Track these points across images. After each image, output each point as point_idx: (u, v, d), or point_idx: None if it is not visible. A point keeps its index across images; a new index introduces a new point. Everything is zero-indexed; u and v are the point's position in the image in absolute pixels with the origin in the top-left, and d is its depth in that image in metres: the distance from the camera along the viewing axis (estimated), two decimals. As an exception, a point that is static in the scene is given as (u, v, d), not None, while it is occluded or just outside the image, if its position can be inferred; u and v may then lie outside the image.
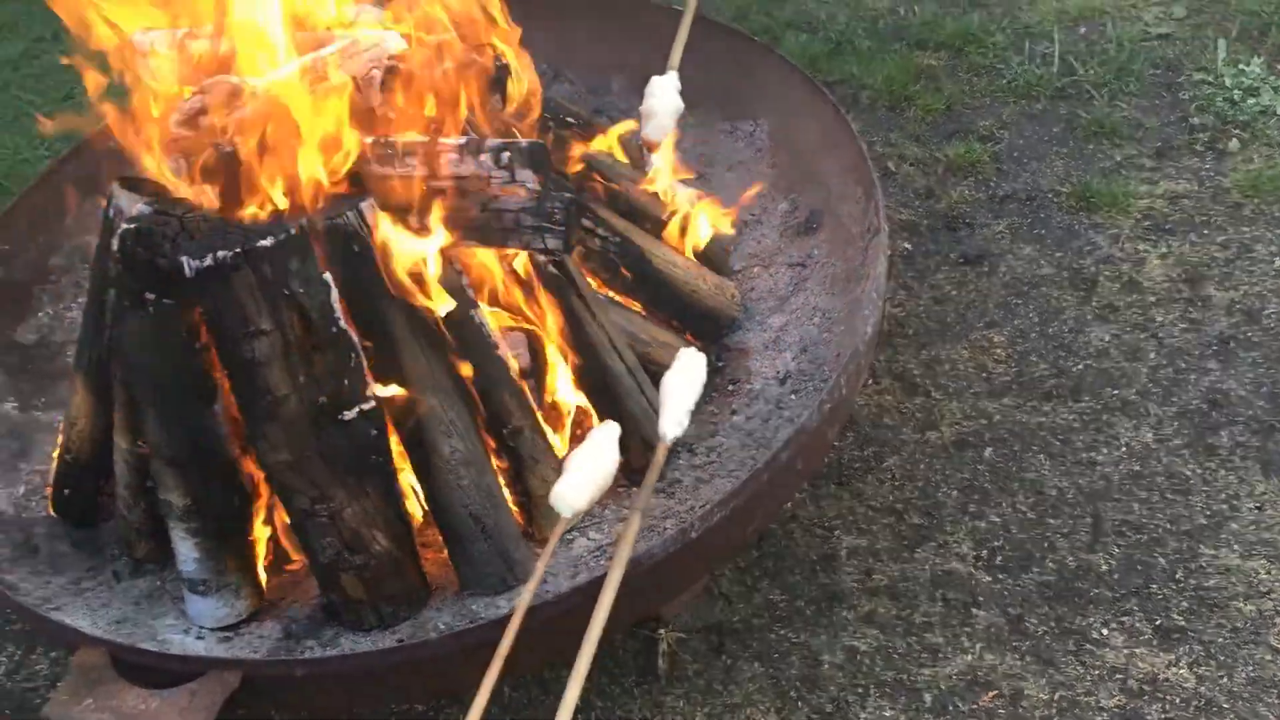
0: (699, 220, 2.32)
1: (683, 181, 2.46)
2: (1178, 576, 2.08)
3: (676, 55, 2.43)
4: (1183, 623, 2.01)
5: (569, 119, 2.36)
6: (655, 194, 2.33)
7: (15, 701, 2.19)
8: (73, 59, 2.02)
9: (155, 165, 1.88)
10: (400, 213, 1.78)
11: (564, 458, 1.91)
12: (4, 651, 2.23)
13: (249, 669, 1.64)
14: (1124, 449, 2.30)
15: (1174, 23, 3.26)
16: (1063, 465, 2.29)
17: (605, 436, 1.74)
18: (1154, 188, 2.80)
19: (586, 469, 1.69)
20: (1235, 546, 2.11)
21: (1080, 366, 2.45)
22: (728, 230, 2.40)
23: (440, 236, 1.77)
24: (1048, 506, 2.23)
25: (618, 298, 2.18)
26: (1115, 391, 2.40)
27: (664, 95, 2.32)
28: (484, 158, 1.76)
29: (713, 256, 2.39)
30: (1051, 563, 2.14)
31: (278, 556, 2.03)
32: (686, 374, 1.81)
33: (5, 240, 2.42)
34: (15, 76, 4.07)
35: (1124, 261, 2.64)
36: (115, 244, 1.71)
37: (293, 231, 1.67)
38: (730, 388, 2.21)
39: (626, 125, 2.38)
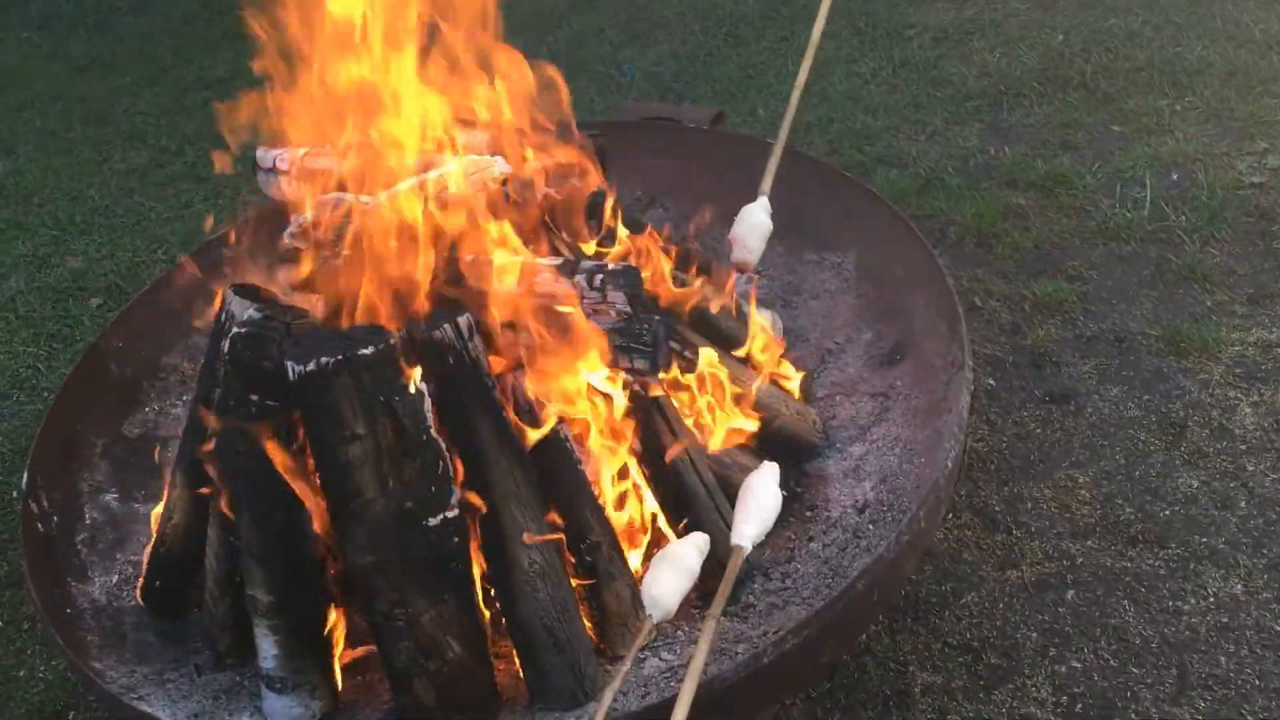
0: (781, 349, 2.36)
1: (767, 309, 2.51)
2: (1267, 735, 2.01)
3: (768, 181, 2.50)
4: (1272, 785, 1.94)
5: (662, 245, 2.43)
6: (740, 318, 2.38)
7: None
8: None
9: (268, 274, 1.99)
10: (496, 328, 1.85)
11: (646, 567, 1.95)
12: (85, 738, 2.28)
13: (320, 770, 1.66)
14: (1212, 599, 2.24)
15: (1268, 172, 3.27)
16: (1147, 613, 2.24)
17: (691, 542, 1.78)
18: (1245, 334, 2.77)
19: (674, 569, 1.73)
20: (1328, 707, 2.03)
21: (1167, 512, 2.41)
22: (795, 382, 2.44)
23: (532, 350, 1.83)
24: (1131, 654, 2.17)
25: (704, 420, 2.22)
26: (1203, 540, 2.35)
27: (753, 219, 2.39)
28: (578, 279, 1.83)
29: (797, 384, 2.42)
30: (1134, 714, 2.08)
31: (354, 663, 2.06)
32: (764, 487, 1.85)
33: (121, 338, 2.55)
34: (140, 185, 4.32)
35: (1214, 408, 2.61)
36: (225, 346, 1.80)
37: (392, 341, 1.74)
38: (808, 514, 2.21)
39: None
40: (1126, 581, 2.30)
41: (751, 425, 2.20)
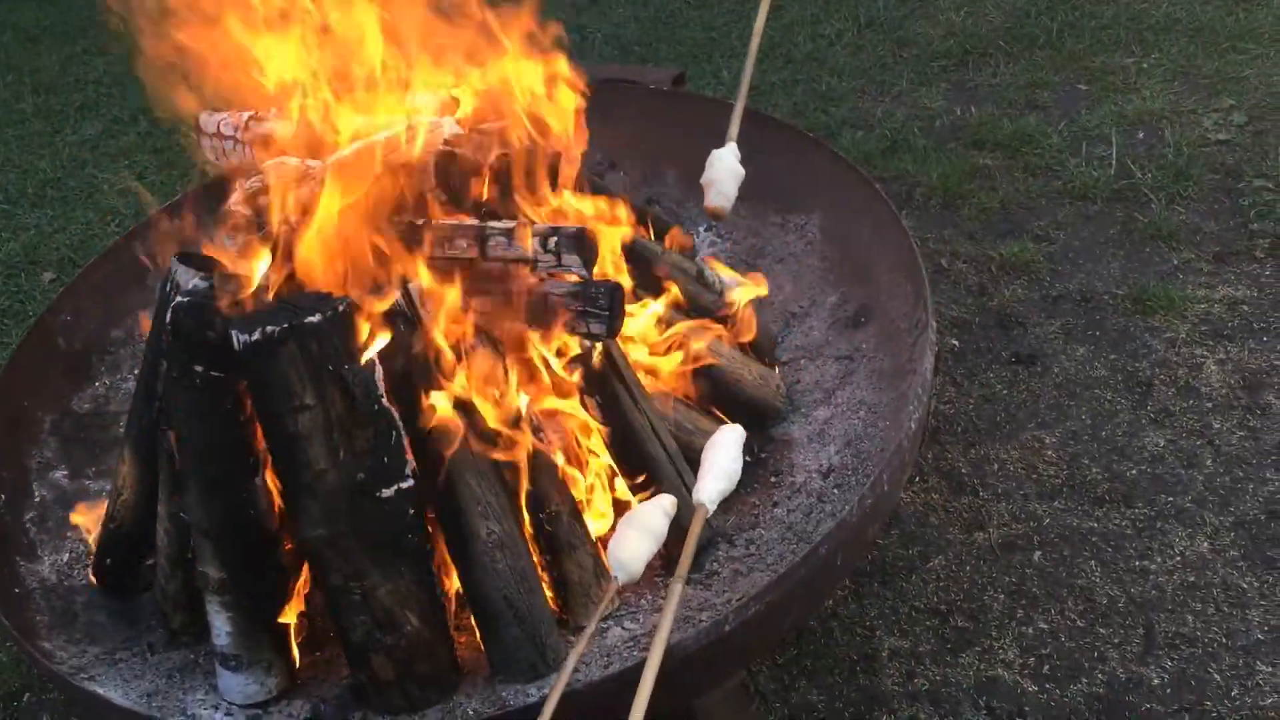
0: (746, 310, 2.32)
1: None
2: (1233, 693, 2.00)
3: (735, 127, 2.44)
4: (1238, 743, 1.93)
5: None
6: (704, 281, 2.34)
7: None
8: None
9: (214, 242, 1.92)
10: (448, 295, 1.80)
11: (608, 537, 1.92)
12: None
13: (273, 748, 1.62)
14: (1179, 558, 2.23)
15: (1234, 129, 3.25)
16: (1114, 573, 2.23)
17: (657, 504, 1.76)
18: (1212, 292, 2.76)
19: (639, 532, 1.71)
20: (1295, 664, 2.03)
21: (1134, 472, 2.40)
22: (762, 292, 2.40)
23: (486, 315, 1.78)
24: (1098, 615, 2.16)
25: (660, 385, 2.18)
26: (1170, 499, 2.34)
27: (725, 164, 2.33)
28: (532, 242, 1.78)
29: (758, 347, 2.38)
30: (1101, 674, 2.07)
31: (310, 638, 2.02)
32: (727, 446, 1.83)
33: (68, 310, 2.48)
34: (93, 156, 4.22)
35: (1180, 366, 2.60)
36: (169, 316, 1.74)
37: (340, 309, 1.69)
38: (773, 479, 2.18)
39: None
40: (1093, 542, 2.29)
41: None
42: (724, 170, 2.34)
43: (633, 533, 1.78)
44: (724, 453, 1.91)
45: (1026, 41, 3.84)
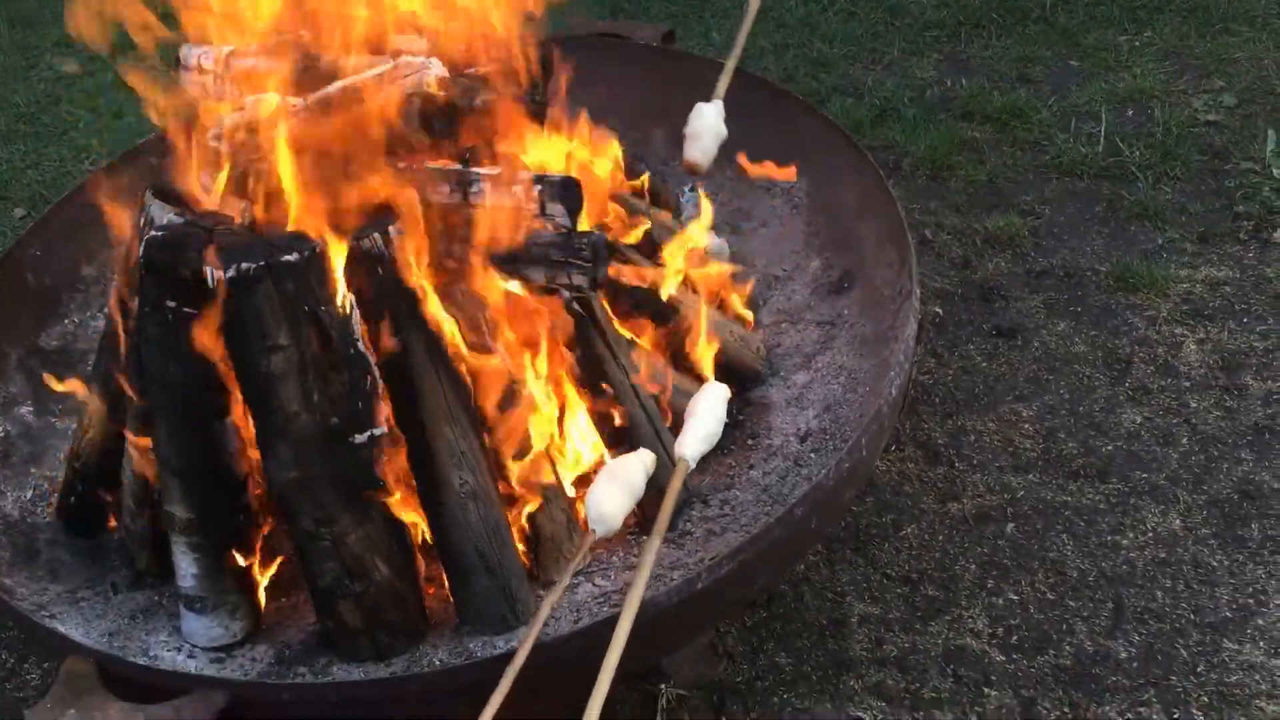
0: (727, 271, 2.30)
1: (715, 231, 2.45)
2: (1199, 670, 2.01)
3: (723, 85, 2.41)
4: (1201, 718, 1.94)
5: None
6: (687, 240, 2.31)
7: (6, 710, 2.16)
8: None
9: (191, 179, 1.88)
10: (429, 239, 1.77)
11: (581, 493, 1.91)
12: (-3, 658, 2.21)
13: (236, 690, 1.60)
14: (1150, 534, 2.23)
15: (1224, 111, 3.24)
16: (1086, 547, 2.23)
17: (637, 458, 1.76)
18: (1194, 272, 2.75)
19: (618, 484, 1.70)
20: (1261, 643, 2.03)
21: (1110, 447, 2.40)
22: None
23: (467, 266, 1.76)
24: (1068, 588, 2.16)
25: (640, 343, 2.16)
26: (1144, 475, 2.34)
27: (708, 119, 2.30)
28: (516, 189, 1.75)
29: (740, 309, 2.36)
30: (1069, 646, 2.07)
31: (277, 584, 2.00)
32: (711, 404, 1.82)
33: (38, 246, 2.43)
34: (69, 92, 4.14)
35: (1160, 344, 2.60)
36: (141, 250, 1.71)
37: (318, 249, 1.66)
38: (750, 442, 2.17)
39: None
40: (1066, 515, 2.29)
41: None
42: (707, 125, 2.31)
43: (612, 486, 1.76)
44: (709, 409, 1.90)
45: (1019, 15, 3.81)
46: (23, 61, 4.37)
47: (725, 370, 2.22)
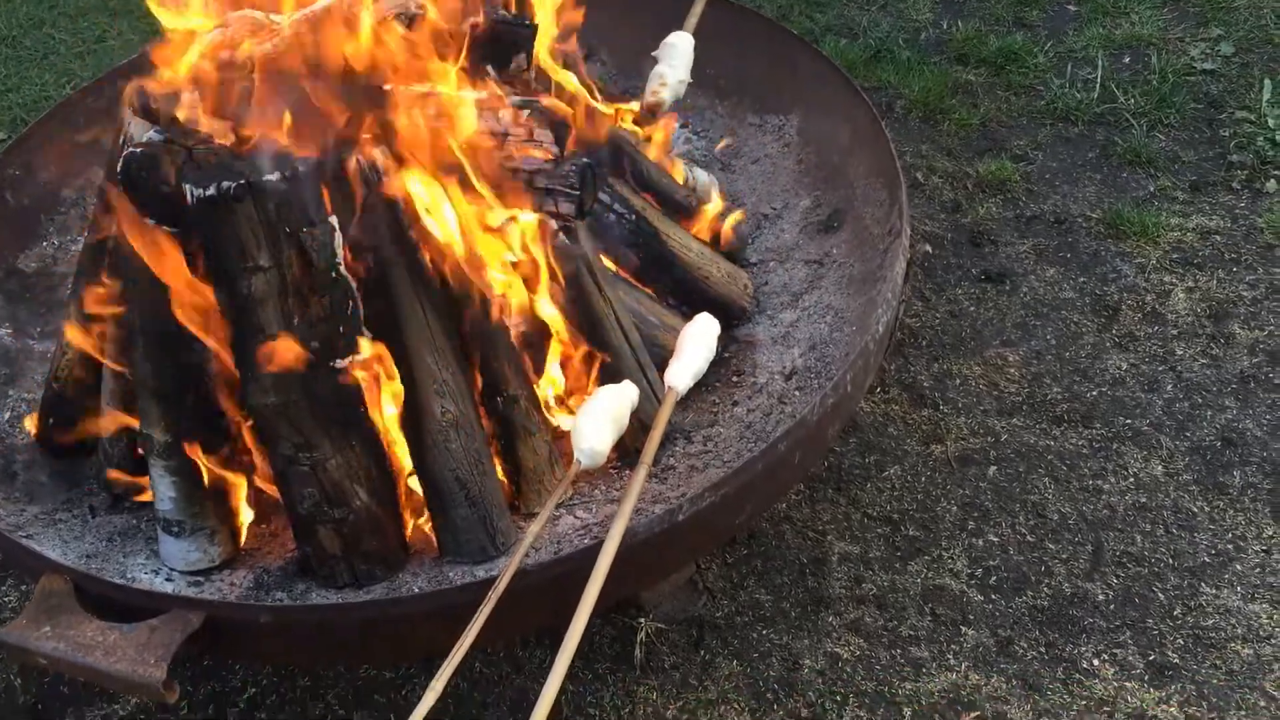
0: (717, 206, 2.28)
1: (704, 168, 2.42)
2: (1176, 613, 2.02)
3: (694, 18, 2.38)
4: (1177, 660, 1.95)
5: (596, 95, 2.32)
6: (675, 176, 2.29)
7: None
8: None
9: (172, 98, 1.84)
10: (414, 163, 1.74)
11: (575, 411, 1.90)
12: (-26, 579, 2.20)
13: (213, 610, 1.59)
14: (1132, 480, 2.24)
15: (1220, 59, 3.20)
16: (1067, 490, 2.23)
17: (622, 390, 1.76)
18: (1185, 221, 2.74)
19: (604, 415, 1.69)
20: (1238, 588, 2.05)
21: (1094, 393, 2.40)
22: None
23: (451, 190, 1.73)
24: (1048, 530, 2.17)
25: (627, 277, 2.14)
26: (1128, 421, 2.34)
27: (680, 50, 2.26)
28: (503, 114, 1.72)
29: (729, 247, 2.34)
30: (1047, 587, 2.08)
31: (256, 510, 1.99)
32: (702, 335, 1.81)
33: (17, 166, 2.39)
34: (50, 15, 4.06)
35: (1148, 292, 2.59)
36: (120, 166, 1.67)
37: (301, 169, 1.63)
38: (734, 379, 2.16)
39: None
40: (1049, 459, 2.29)
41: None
42: (679, 59, 2.27)
43: (598, 417, 1.75)
44: (698, 340, 1.89)
45: (1019, -42, 3.76)
46: (4, -16, 4.28)
47: (712, 306, 2.21)
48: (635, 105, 2.34)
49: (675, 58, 2.26)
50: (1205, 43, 3.28)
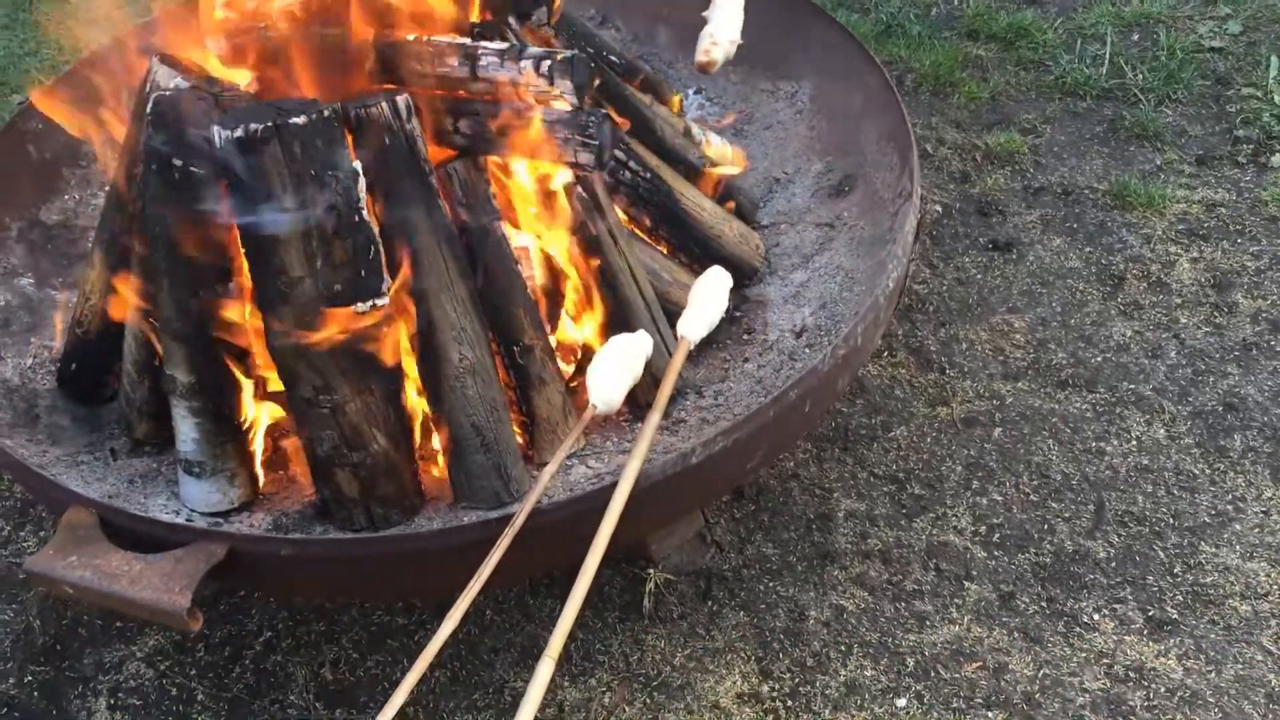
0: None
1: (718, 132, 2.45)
2: (1176, 570, 2.06)
3: None
4: (1176, 616, 1.99)
5: (613, 58, 2.35)
6: (691, 138, 2.32)
7: (4, 575, 2.20)
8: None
9: (196, 50, 1.88)
10: (436, 112, 1.77)
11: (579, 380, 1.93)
12: (-6, 523, 2.24)
13: (235, 543, 1.63)
14: (1134, 442, 2.27)
15: (1228, 38, 3.23)
16: (1071, 452, 2.27)
17: (638, 339, 1.81)
18: (1191, 193, 2.77)
19: (620, 361, 1.72)
20: (1237, 547, 2.08)
21: (1099, 358, 2.43)
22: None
23: (473, 138, 1.76)
24: (1051, 490, 2.20)
25: (641, 234, 2.17)
26: (1131, 386, 2.37)
27: (726, 16, 2.25)
28: (524, 64, 1.75)
29: (741, 208, 2.38)
30: (1049, 545, 2.12)
31: (275, 457, 2.03)
32: (714, 287, 1.85)
33: (40, 119, 2.42)
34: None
35: (1153, 262, 2.62)
36: (149, 109, 1.70)
37: (326, 114, 1.66)
38: (745, 337, 2.19)
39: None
40: (1053, 422, 2.32)
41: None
42: (723, 25, 2.28)
43: (614, 364, 1.79)
44: (711, 292, 1.92)
45: (1030, -63, 3.78)
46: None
47: (725, 265, 2.23)
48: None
49: (725, 18, 2.26)
50: (1213, 21, 3.30)
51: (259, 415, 1.92)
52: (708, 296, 1.92)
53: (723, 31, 2.22)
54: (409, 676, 1.49)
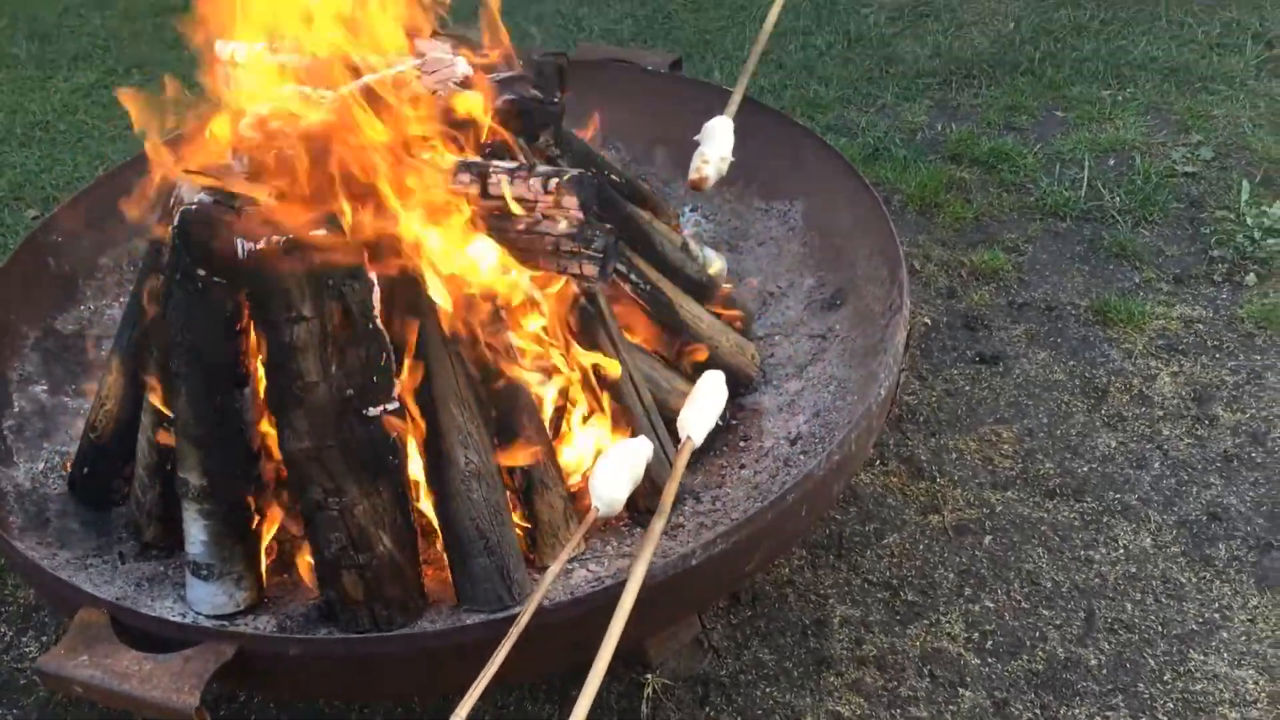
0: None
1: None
2: (1166, 678, 2.09)
3: (734, 105, 2.52)
4: (1167, 722, 2.02)
5: (614, 176, 2.46)
6: (689, 253, 2.41)
7: (5, 681, 2.21)
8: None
9: (214, 166, 1.97)
10: (447, 225, 1.86)
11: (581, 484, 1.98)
12: (-3, 628, 2.26)
13: (244, 643, 1.66)
14: (1122, 550, 2.32)
15: (1201, 163, 3.37)
16: (1060, 560, 2.31)
17: (640, 444, 1.87)
18: (1170, 310, 2.87)
19: (622, 466, 1.78)
20: (1225, 655, 2.12)
21: (1085, 469, 2.49)
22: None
23: (482, 251, 1.84)
24: (1042, 598, 2.24)
25: (640, 343, 2.24)
26: (1117, 495, 2.43)
27: (720, 135, 2.39)
28: (533, 182, 1.85)
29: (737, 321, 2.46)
30: (1041, 652, 2.15)
31: (279, 560, 2.06)
32: (712, 390, 1.92)
33: (60, 233, 2.51)
34: (85, 103, 4.23)
35: (1135, 375, 2.70)
36: (175, 221, 1.79)
37: (343, 229, 1.74)
38: (741, 444, 2.26)
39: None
40: (1042, 530, 2.37)
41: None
42: (718, 140, 2.41)
43: (616, 468, 1.84)
44: (710, 394, 1.99)
45: (1009, 67, 3.96)
46: (40, 73, 4.46)
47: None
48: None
49: (716, 139, 2.41)
50: (1186, 147, 3.45)
51: (267, 519, 1.95)
52: (707, 398, 1.99)
53: (713, 151, 2.35)
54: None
